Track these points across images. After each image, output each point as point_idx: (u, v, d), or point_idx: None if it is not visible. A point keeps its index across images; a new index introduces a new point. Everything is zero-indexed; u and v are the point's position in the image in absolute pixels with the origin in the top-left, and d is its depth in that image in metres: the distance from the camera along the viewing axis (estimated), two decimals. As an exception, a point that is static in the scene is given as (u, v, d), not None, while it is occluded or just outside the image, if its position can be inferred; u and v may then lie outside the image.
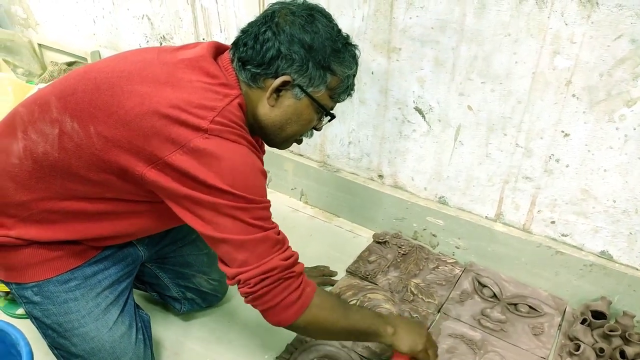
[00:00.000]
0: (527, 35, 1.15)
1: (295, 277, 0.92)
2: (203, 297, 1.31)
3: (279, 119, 0.96)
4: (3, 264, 1.03)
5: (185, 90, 0.87)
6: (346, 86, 0.98)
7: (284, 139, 1.02)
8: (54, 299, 1.03)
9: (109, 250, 1.08)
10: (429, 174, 1.49)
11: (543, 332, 1.28)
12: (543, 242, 1.36)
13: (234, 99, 0.90)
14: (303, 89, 0.93)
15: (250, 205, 0.86)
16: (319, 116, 0.99)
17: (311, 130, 1.03)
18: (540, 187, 1.31)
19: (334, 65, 0.93)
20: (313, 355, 1.21)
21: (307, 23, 0.90)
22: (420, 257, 1.53)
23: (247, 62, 0.92)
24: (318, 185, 1.74)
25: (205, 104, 0.86)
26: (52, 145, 0.92)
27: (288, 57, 0.90)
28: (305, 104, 0.95)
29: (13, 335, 0.92)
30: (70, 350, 1.05)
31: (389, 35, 1.34)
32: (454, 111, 1.34)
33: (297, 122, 0.98)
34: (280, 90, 0.93)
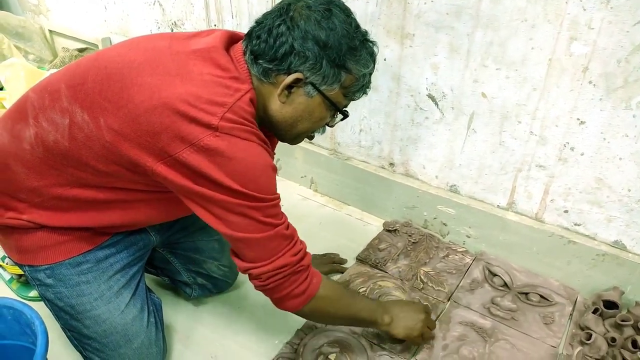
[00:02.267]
0: (544, 21, 1.14)
1: (304, 270, 0.95)
2: (214, 282, 1.32)
3: (290, 115, 0.95)
4: (16, 247, 1.04)
5: (195, 83, 0.86)
6: (361, 85, 0.96)
7: (295, 136, 1.00)
8: (67, 281, 1.04)
9: (120, 235, 1.09)
10: (441, 162, 1.48)
11: (554, 321, 1.28)
12: (555, 231, 1.35)
13: (245, 93, 0.89)
14: (316, 87, 0.91)
15: (261, 204, 0.87)
16: (331, 114, 0.97)
17: (323, 126, 1.01)
18: (554, 176, 1.30)
19: (350, 64, 0.90)
20: (323, 341, 1.21)
21: (324, 18, 0.87)
22: (431, 246, 1.53)
23: (260, 56, 0.90)
24: (328, 173, 1.74)
25: (215, 99, 0.85)
26: (63, 134, 0.92)
27: (301, 54, 0.88)
28: (317, 101, 0.93)
29: (28, 315, 0.93)
30: (82, 332, 1.07)
31: (402, 20, 1.33)
32: (467, 98, 1.33)
33: (309, 120, 0.96)
34: (292, 87, 0.91)
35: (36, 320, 0.91)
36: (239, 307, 1.34)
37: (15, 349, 1.00)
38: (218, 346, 1.23)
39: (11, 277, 1.40)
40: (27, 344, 0.99)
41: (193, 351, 1.22)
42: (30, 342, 0.98)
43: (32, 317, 0.92)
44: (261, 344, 1.23)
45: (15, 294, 1.36)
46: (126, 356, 1.08)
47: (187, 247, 1.27)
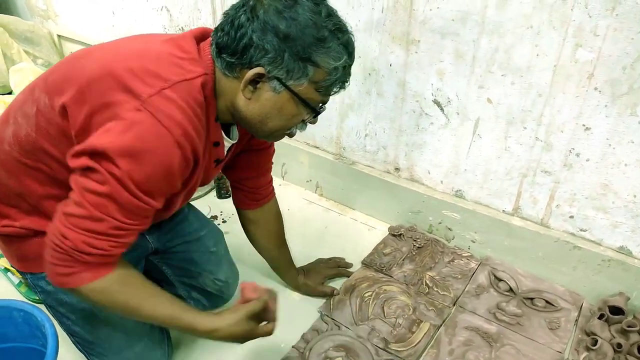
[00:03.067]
0: (550, 28, 1.14)
1: (82, 264, 0.83)
2: (208, 297, 1.28)
3: (258, 112, 0.89)
4: (17, 255, 1.06)
5: (149, 59, 0.84)
6: (334, 79, 0.87)
7: (267, 133, 0.94)
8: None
9: None
10: (446, 167, 1.49)
11: (559, 327, 1.28)
12: (561, 236, 1.35)
13: (198, 76, 0.84)
14: (282, 82, 0.84)
15: (128, 195, 0.80)
16: (306, 110, 0.90)
17: (302, 123, 0.94)
18: (559, 182, 1.30)
19: (317, 57, 0.83)
20: (329, 345, 1.22)
21: (286, 8, 0.81)
22: (436, 251, 1.53)
23: (223, 49, 0.86)
24: (333, 177, 1.75)
25: (161, 74, 0.81)
26: (31, 125, 0.90)
27: (261, 47, 0.82)
28: (285, 97, 0.86)
29: (39, 317, 0.94)
30: (84, 337, 1.07)
31: (408, 27, 1.34)
32: (473, 104, 1.34)
33: (279, 117, 0.90)
34: (257, 82, 0.86)
35: (46, 323, 0.92)
36: (245, 311, 1.34)
37: (26, 351, 1.01)
38: (224, 350, 1.24)
39: (20, 280, 1.41)
40: (37, 346, 0.99)
41: (199, 354, 1.23)
42: (40, 345, 0.99)
43: (43, 319, 0.93)
44: (267, 348, 1.24)
45: (24, 297, 1.37)
46: (131, 358, 1.08)
47: (182, 257, 1.25)
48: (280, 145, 1.80)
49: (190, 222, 1.26)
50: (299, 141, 1.81)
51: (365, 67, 1.48)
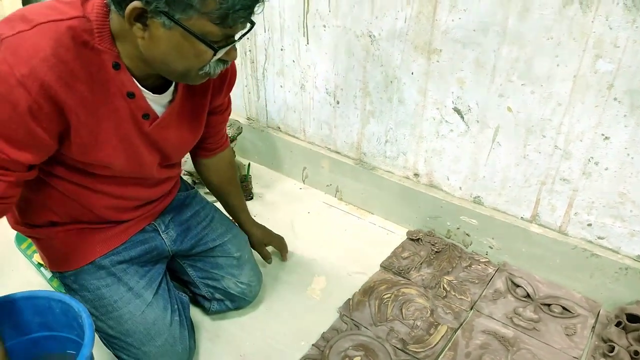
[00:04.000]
0: (570, 39, 1.17)
1: None
2: (231, 298, 1.32)
3: (157, 53, 0.83)
4: (45, 256, 1.13)
5: (33, 6, 0.82)
6: (227, 7, 0.77)
7: (177, 75, 0.89)
8: (88, 286, 1.10)
9: (133, 241, 1.15)
10: (465, 173, 1.52)
11: (576, 333, 1.29)
12: (579, 244, 1.37)
13: (68, 19, 0.80)
14: (169, 17, 0.77)
15: None
16: (206, 46, 0.81)
17: (218, 62, 0.87)
18: (577, 190, 1.32)
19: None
20: (348, 344, 1.26)
21: None
22: (454, 256, 1.56)
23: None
24: (353, 182, 1.79)
25: (27, 17, 0.79)
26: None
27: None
28: (178, 34, 0.79)
29: (76, 308, 0.99)
30: (108, 332, 1.12)
31: (430, 36, 1.38)
32: (492, 112, 1.37)
33: (180, 56, 0.83)
34: (144, 17, 0.78)
35: (83, 314, 0.97)
36: (267, 310, 1.39)
37: (62, 340, 1.06)
38: (246, 345, 1.28)
39: (52, 275, 1.48)
40: (72, 336, 1.05)
41: (221, 349, 1.27)
42: (75, 335, 1.04)
43: (80, 310, 0.98)
44: (288, 345, 1.28)
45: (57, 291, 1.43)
46: (151, 354, 1.12)
47: (207, 262, 1.29)
48: (301, 150, 1.86)
49: (213, 228, 1.31)
50: (320, 146, 1.85)
51: (388, 75, 1.52)
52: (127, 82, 0.89)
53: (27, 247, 1.49)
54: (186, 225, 1.26)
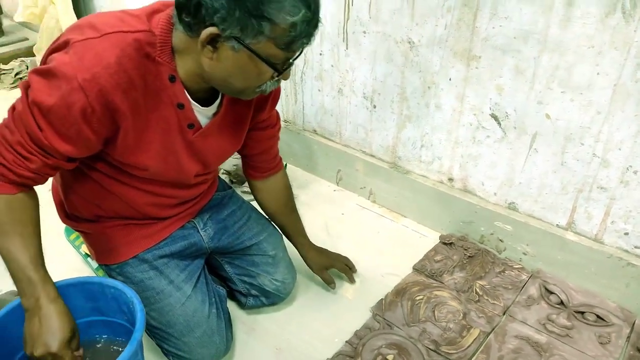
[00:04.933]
0: (611, 48, 1.18)
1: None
2: (266, 295, 1.36)
3: (221, 72, 0.89)
4: (93, 249, 1.20)
5: (98, 16, 0.88)
6: (295, 35, 0.84)
7: (235, 92, 0.96)
8: (132, 278, 1.16)
9: (174, 235, 1.20)
10: (500, 179, 1.53)
11: (610, 342, 1.29)
12: (614, 253, 1.36)
13: (136, 31, 0.86)
14: (239, 41, 0.83)
15: (33, 124, 0.86)
16: (270, 68, 0.89)
17: (273, 80, 0.93)
18: (615, 198, 1.32)
19: (270, 13, 0.80)
20: (381, 343, 1.28)
21: None
22: (487, 261, 1.57)
23: (181, 9, 0.85)
24: (387, 185, 1.82)
25: (96, 25, 0.85)
26: None
27: (210, 6, 0.81)
28: (245, 56, 0.85)
29: (128, 295, 1.05)
30: (150, 323, 1.17)
31: (470, 43, 1.40)
32: (531, 119, 1.38)
33: (242, 76, 0.90)
34: (216, 41, 0.85)
35: (135, 299, 1.03)
36: (301, 306, 1.43)
37: (112, 325, 1.12)
38: (282, 340, 1.32)
39: (98, 265, 1.55)
40: (122, 321, 1.11)
41: (258, 342, 1.32)
42: (125, 320, 1.10)
43: (132, 296, 1.04)
44: (321, 341, 1.31)
45: (102, 280, 1.50)
46: (190, 344, 1.17)
47: (244, 259, 1.34)
48: (336, 152, 1.90)
49: (249, 227, 1.35)
50: (355, 149, 1.89)
51: (426, 81, 1.55)
52: (179, 94, 0.96)
53: (75, 238, 1.57)
54: (223, 224, 1.31)
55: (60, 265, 1.53)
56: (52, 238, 1.62)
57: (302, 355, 1.28)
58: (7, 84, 2.80)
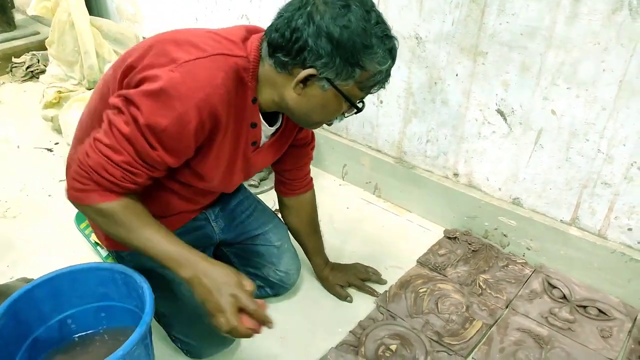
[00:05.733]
0: (617, 45, 1.19)
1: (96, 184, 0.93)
2: (270, 285, 1.39)
3: (305, 107, 0.97)
4: (103, 234, 1.21)
5: (194, 35, 0.94)
6: (377, 80, 0.96)
7: (310, 124, 1.06)
8: (144, 264, 1.15)
9: (187, 227, 1.22)
10: (505, 175, 1.54)
11: (612, 336, 1.30)
12: (618, 248, 1.37)
13: (236, 56, 0.92)
14: (330, 82, 0.92)
15: (143, 140, 0.90)
16: (347, 106, 0.99)
17: (341, 116, 1.03)
18: (619, 194, 1.33)
19: (364, 61, 0.91)
20: (384, 333, 1.30)
21: (339, 15, 0.87)
22: (490, 255, 1.58)
23: (277, 49, 0.92)
24: (393, 180, 1.83)
25: (200, 45, 0.90)
26: (100, 96, 1.05)
27: (315, 51, 0.88)
28: (331, 94, 0.95)
29: (137, 280, 1.07)
30: (159, 309, 1.19)
31: (477, 39, 1.42)
32: (536, 115, 1.39)
33: (323, 111, 0.99)
34: (307, 80, 0.93)
35: (144, 284, 1.05)
36: (306, 297, 1.45)
37: (122, 310, 1.15)
38: (287, 329, 1.34)
39: (107, 254, 1.58)
40: (131, 306, 1.13)
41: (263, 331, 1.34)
42: (134, 305, 1.13)
43: (141, 281, 1.06)
44: (326, 331, 1.33)
45: (112, 268, 1.53)
46: (198, 332, 1.19)
47: (248, 250, 1.36)
48: (342, 147, 1.92)
49: (256, 217, 1.37)
50: (361, 144, 1.91)
51: (432, 77, 1.57)
52: (255, 114, 1.04)
53: (85, 227, 1.60)
54: (232, 215, 1.34)
55: (70, 254, 1.57)
56: (62, 227, 1.67)
57: (307, 344, 1.30)
58: (18, 76, 2.84)
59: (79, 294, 1.13)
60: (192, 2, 2.30)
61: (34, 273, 1.17)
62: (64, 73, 2.44)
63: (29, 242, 1.63)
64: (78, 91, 2.35)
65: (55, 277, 1.09)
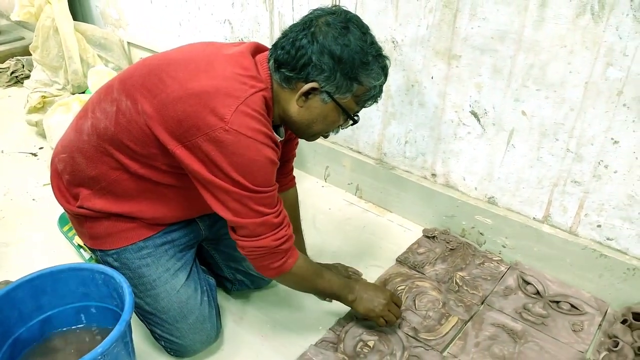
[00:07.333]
0: (582, 47, 1.24)
1: (282, 252, 1.10)
2: (251, 279, 1.43)
3: (307, 118, 1.08)
4: (88, 234, 1.22)
5: (217, 78, 1.00)
6: (372, 95, 1.08)
7: (311, 135, 1.14)
8: (130, 264, 1.20)
9: (175, 225, 1.24)
10: (480, 174, 1.59)
11: (583, 329, 1.34)
12: (588, 244, 1.42)
13: (259, 91, 1.01)
14: (330, 95, 1.03)
15: (255, 194, 1.02)
16: (344, 118, 1.10)
17: (337, 128, 1.14)
18: (588, 192, 1.38)
19: (361, 77, 1.03)
20: (363, 330, 1.33)
21: (340, 35, 0.99)
22: (467, 253, 1.62)
23: (282, 65, 1.03)
24: (373, 181, 1.87)
25: (232, 93, 0.98)
26: (110, 121, 1.08)
27: (318, 67, 1.00)
28: (330, 107, 1.06)
29: (117, 279, 1.10)
30: (144, 308, 1.22)
31: (450, 43, 1.46)
32: (508, 116, 1.43)
33: (323, 123, 1.09)
34: (309, 93, 1.04)
35: (124, 284, 1.08)
36: (287, 296, 1.47)
37: (103, 310, 1.17)
38: (268, 327, 1.37)
39: (90, 256, 1.59)
40: (112, 306, 1.15)
41: (245, 330, 1.37)
42: (114, 305, 1.15)
43: (120, 281, 1.09)
44: (306, 329, 1.36)
45: (95, 270, 1.54)
46: (183, 330, 1.22)
47: (229, 244, 1.36)
48: (324, 149, 1.96)
49: None
50: (343, 146, 1.94)
51: (409, 79, 1.61)
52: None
53: (68, 230, 1.61)
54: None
55: (54, 256, 1.58)
56: (46, 230, 1.68)
57: (287, 341, 1.33)
58: (3, 82, 2.84)
59: (59, 294, 1.15)
60: (176, 8, 2.33)
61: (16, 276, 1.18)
62: (49, 78, 2.45)
63: (12, 246, 1.65)
64: (62, 96, 2.36)
65: (36, 278, 1.11)
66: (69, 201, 1.20)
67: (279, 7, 1.87)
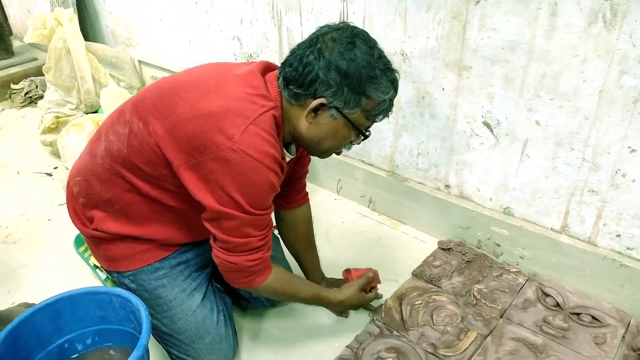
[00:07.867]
0: (595, 56, 1.22)
1: (251, 272, 1.11)
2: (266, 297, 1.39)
3: (316, 135, 1.07)
4: (105, 256, 1.23)
5: (228, 98, 1.01)
6: (382, 109, 1.06)
7: (322, 152, 1.13)
8: (146, 285, 1.20)
9: (189, 245, 1.24)
10: (495, 185, 1.57)
11: (605, 342, 1.32)
12: (608, 254, 1.39)
13: (269, 110, 1.02)
14: (339, 110, 1.03)
15: (250, 217, 1.02)
16: (355, 133, 1.09)
17: (349, 144, 1.13)
18: (606, 201, 1.36)
19: (370, 91, 1.02)
20: (380, 347, 1.32)
21: (346, 50, 0.99)
22: (484, 265, 1.60)
23: (290, 82, 1.03)
24: (386, 193, 1.86)
25: (242, 112, 0.98)
26: (123, 143, 1.09)
27: (325, 82, 1.00)
28: (340, 123, 1.05)
29: (134, 303, 1.10)
30: (161, 329, 1.22)
31: (460, 54, 1.45)
32: (521, 126, 1.42)
33: (333, 139, 1.08)
34: (318, 110, 1.03)
35: (140, 307, 1.08)
36: (303, 312, 1.46)
37: (120, 333, 1.17)
38: (284, 345, 1.36)
39: (106, 276, 1.60)
40: (129, 329, 1.15)
41: (262, 348, 1.36)
42: (132, 328, 1.15)
43: (137, 304, 1.09)
44: (323, 346, 1.35)
45: (111, 290, 1.55)
46: (200, 350, 1.22)
47: None
48: (336, 162, 1.95)
49: None
50: (354, 159, 1.93)
51: (420, 91, 1.60)
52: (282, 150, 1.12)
53: (84, 250, 1.63)
54: None
55: (70, 277, 1.59)
56: (62, 251, 1.69)
57: (304, 359, 1.32)
58: (17, 102, 2.89)
59: (78, 318, 1.15)
60: (185, 26, 2.35)
61: (35, 297, 1.19)
62: (62, 98, 2.49)
63: (29, 267, 1.66)
64: (76, 115, 2.40)
65: (55, 302, 1.12)
66: (84, 224, 1.21)
67: (287, 23, 1.87)
